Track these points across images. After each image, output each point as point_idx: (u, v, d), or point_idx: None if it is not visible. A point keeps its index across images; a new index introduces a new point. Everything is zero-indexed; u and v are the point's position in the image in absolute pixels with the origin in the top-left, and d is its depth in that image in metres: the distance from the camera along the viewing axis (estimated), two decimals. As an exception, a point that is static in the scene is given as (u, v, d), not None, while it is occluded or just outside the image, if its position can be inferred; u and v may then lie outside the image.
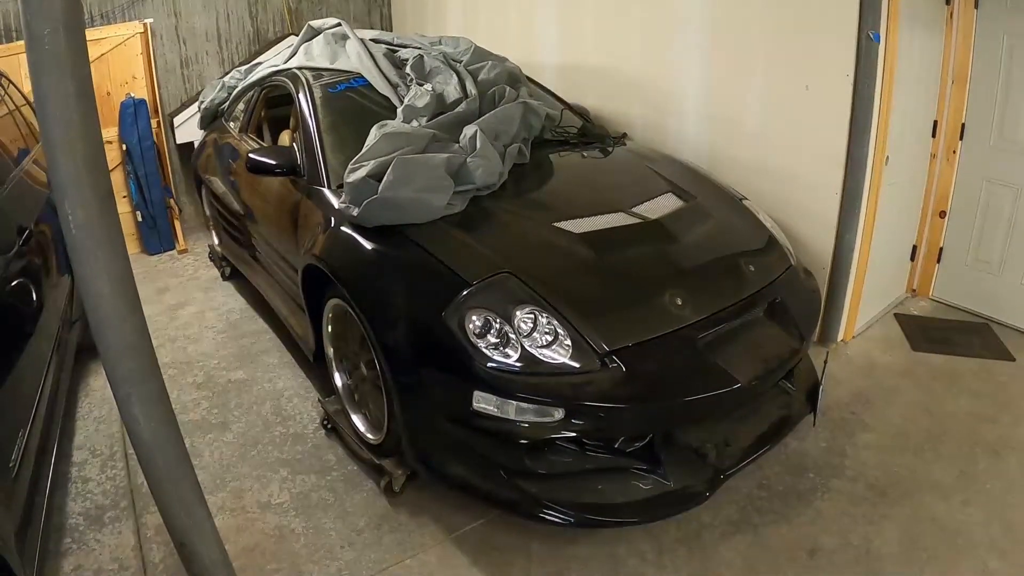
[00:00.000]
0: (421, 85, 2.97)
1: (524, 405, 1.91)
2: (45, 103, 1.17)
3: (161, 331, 3.84)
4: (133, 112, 4.86)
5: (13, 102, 3.46)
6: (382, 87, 3.09)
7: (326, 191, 2.73)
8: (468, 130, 2.65)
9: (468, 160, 2.48)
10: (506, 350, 1.97)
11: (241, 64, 4.91)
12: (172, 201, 5.18)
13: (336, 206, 2.57)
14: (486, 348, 1.97)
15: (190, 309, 4.12)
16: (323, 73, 3.29)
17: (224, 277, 4.48)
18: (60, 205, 1.20)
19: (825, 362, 2.58)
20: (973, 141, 3.48)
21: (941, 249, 3.73)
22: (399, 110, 2.86)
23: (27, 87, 4.07)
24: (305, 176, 2.85)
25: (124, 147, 4.88)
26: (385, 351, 2.14)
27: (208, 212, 4.66)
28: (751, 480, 2.43)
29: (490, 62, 3.21)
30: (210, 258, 4.81)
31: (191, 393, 3.21)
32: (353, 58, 3.25)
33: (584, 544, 2.18)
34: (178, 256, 5.06)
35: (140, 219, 5.03)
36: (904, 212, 3.63)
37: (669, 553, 2.15)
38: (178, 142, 5.30)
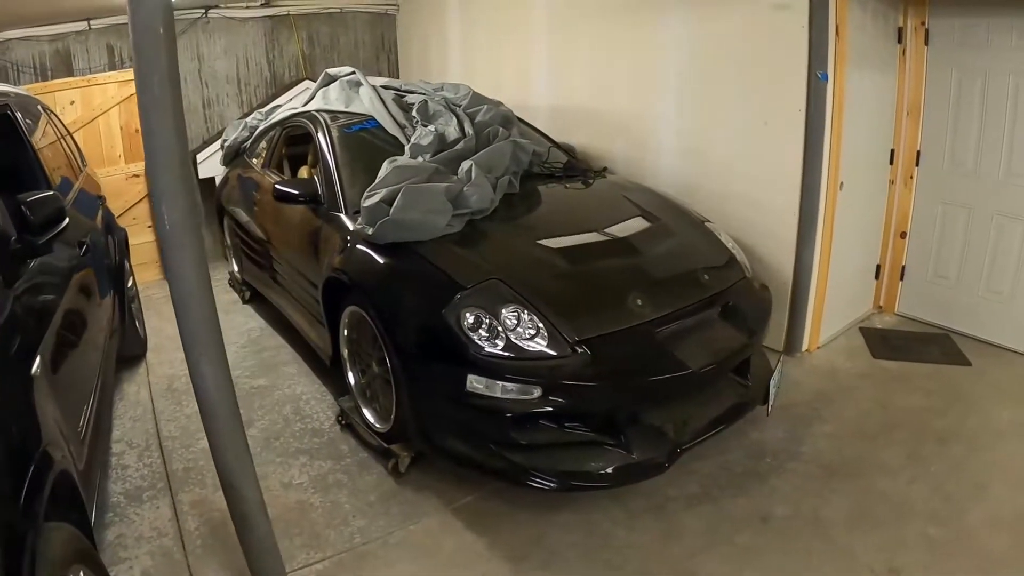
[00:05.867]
0: (426, 126, 3.41)
1: (509, 385, 2.28)
2: (152, 135, 1.57)
3: (188, 348, 4.19)
4: (163, 150, 5.30)
5: (58, 133, 3.82)
6: (391, 128, 3.53)
7: (343, 216, 3.14)
8: (465, 164, 3.09)
9: (465, 188, 2.91)
10: (494, 340, 2.35)
11: (259, 106, 5.34)
12: (196, 232, 5.57)
13: (352, 228, 2.98)
14: (478, 339, 2.35)
15: (214, 328, 4.48)
16: (339, 115, 3.73)
17: (244, 300, 4.81)
18: (158, 208, 1.58)
19: (779, 360, 2.91)
20: (928, 167, 3.82)
21: (903, 267, 4.05)
22: (407, 147, 3.29)
23: (67, 118, 4.45)
24: (325, 204, 3.26)
25: (154, 182, 5.31)
26: (395, 346, 2.52)
27: (229, 241, 5.04)
28: (713, 462, 2.75)
29: (486, 106, 3.66)
30: (229, 284, 5.15)
31: (217, 399, 3.55)
32: (366, 102, 3.70)
33: (564, 512, 2.51)
34: (200, 283, 5.44)
35: (166, 248, 5.43)
36: (864, 233, 3.97)
37: (638, 519, 2.47)
38: (200, 177, 5.70)
